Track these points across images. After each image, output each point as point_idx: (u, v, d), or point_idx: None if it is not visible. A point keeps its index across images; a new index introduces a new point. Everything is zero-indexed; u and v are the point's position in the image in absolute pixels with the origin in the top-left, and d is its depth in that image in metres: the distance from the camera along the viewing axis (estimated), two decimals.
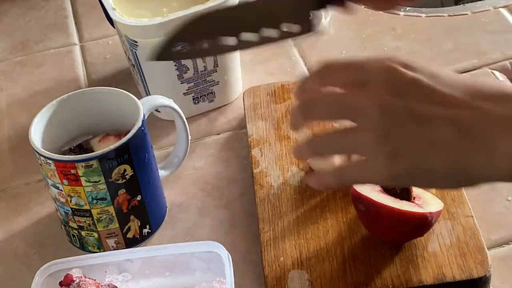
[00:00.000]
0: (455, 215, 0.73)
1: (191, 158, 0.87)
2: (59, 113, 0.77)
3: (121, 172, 0.73)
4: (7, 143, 0.94)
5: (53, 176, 0.73)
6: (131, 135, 0.73)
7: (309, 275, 0.70)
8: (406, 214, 0.67)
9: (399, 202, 0.69)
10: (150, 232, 0.79)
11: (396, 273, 0.69)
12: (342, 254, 0.71)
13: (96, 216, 0.75)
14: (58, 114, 0.77)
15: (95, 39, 1.09)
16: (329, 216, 0.75)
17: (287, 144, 0.84)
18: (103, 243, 0.77)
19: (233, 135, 0.91)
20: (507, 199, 0.78)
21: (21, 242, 0.81)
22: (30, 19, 1.16)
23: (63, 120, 0.77)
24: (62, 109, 0.78)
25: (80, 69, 1.04)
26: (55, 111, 0.77)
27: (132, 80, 0.99)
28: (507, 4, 1.05)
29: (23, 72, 1.06)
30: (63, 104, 0.78)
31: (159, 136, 0.91)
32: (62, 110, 0.77)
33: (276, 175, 0.80)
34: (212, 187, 0.84)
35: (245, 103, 0.90)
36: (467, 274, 0.68)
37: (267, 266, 0.72)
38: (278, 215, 0.76)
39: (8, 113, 0.99)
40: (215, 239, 0.72)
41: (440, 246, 0.71)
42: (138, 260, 0.69)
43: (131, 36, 0.86)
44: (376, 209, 0.68)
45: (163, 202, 0.81)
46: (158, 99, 0.79)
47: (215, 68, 0.91)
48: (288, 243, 0.73)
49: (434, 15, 1.05)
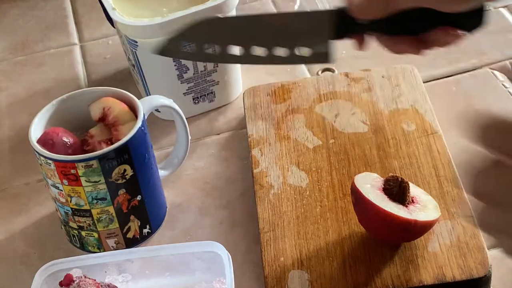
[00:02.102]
0: (455, 215, 0.73)
1: (191, 158, 0.87)
2: (59, 113, 0.77)
3: (121, 172, 0.73)
4: (7, 143, 0.94)
5: (53, 176, 0.73)
6: (131, 135, 0.73)
7: (309, 275, 0.70)
8: (389, 216, 0.67)
9: (390, 203, 0.68)
10: (150, 232, 0.79)
11: (396, 273, 0.69)
12: (342, 254, 0.71)
13: (96, 216, 0.75)
14: (58, 114, 0.77)
15: (95, 39, 1.09)
16: (329, 216, 0.75)
17: (287, 144, 0.84)
18: (103, 243, 0.77)
19: (233, 135, 0.91)
20: None
21: (21, 242, 0.81)
22: (30, 19, 1.16)
23: (63, 120, 0.77)
24: (62, 109, 0.78)
25: (80, 69, 1.04)
26: (55, 111, 0.77)
27: (132, 80, 0.99)
28: (507, 4, 1.05)
29: (23, 72, 1.06)
30: (63, 104, 0.78)
31: (159, 136, 0.91)
32: (62, 110, 0.77)
33: (276, 175, 0.80)
34: (212, 187, 0.84)
35: (245, 103, 0.90)
36: (467, 274, 0.68)
37: (267, 266, 0.72)
38: (278, 215, 0.76)
39: (8, 113, 0.99)
40: (215, 239, 0.72)
41: (440, 246, 0.71)
42: (138, 260, 0.69)
43: (131, 36, 0.86)
44: (364, 204, 0.69)
45: (163, 202, 0.81)
46: (158, 99, 0.79)
47: (215, 68, 0.91)
48: (288, 243, 0.73)
49: None
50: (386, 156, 0.80)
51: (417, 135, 0.82)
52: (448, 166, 0.78)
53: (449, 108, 0.89)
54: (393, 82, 0.90)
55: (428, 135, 0.82)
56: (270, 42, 0.65)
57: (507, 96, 0.90)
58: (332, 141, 0.83)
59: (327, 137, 0.84)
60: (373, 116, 0.86)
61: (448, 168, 0.78)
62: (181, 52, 0.67)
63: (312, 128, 0.85)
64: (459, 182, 0.76)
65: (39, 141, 0.73)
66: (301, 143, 0.84)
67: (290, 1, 1.11)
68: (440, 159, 0.79)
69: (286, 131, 0.86)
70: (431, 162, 0.79)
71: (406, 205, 0.69)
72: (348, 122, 0.85)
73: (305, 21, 0.65)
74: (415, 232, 0.69)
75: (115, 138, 0.74)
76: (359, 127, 0.85)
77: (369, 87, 0.89)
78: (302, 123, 0.86)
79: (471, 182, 0.79)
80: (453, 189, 0.76)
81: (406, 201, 0.69)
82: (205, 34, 0.66)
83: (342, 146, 0.83)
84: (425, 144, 0.81)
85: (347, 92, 0.89)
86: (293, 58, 0.66)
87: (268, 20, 0.66)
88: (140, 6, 0.90)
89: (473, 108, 0.89)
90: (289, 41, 0.65)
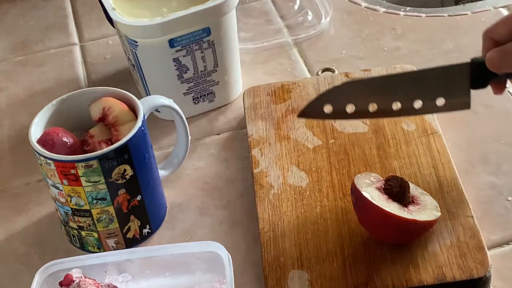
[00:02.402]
0: (455, 215, 0.73)
1: (191, 158, 0.87)
2: (59, 113, 0.77)
3: (121, 172, 0.73)
4: (7, 143, 0.94)
5: (53, 176, 0.73)
6: (131, 135, 0.73)
7: (309, 275, 0.70)
8: (389, 216, 0.67)
9: (390, 203, 0.68)
10: (150, 232, 0.79)
11: (396, 273, 0.69)
12: (342, 254, 0.71)
13: (96, 216, 0.75)
14: (58, 114, 0.77)
15: (95, 39, 1.09)
16: (329, 216, 0.75)
17: (287, 144, 0.84)
18: (103, 243, 0.77)
19: (233, 135, 0.91)
20: (507, 199, 0.78)
21: (21, 242, 0.81)
22: (30, 19, 1.16)
23: (63, 120, 0.77)
24: (62, 109, 0.77)
25: (80, 69, 1.04)
26: (55, 111, 0.77)
27: (132, 80, 0.99)
28: (507, 4, 1.05)
29: (23, 72, 1.06)
30: (63, 104, 0.78)
31: (159, 136, 0.91)
32: (62, 110, 0.77)
33: (276, 175, 0.80)
34: (212, 187, 0.84)
35: (245, 103, 0.90)
36: (467, 274, 0.68)
37: (267, 266, 0.72)
38: (278, 215, 0.76)
39: (8, 113, 0.99)
40: (215, 239, 0.72)
41: (440, 246, 0.71)
42: (138, 260, 0.69)
43: (131, 36, 0.86)
44: (364, 204, 0.69)
45: (163, 202, 0.81)
46: (158, 99, 0.79)
47: (215, 68, 0.91)
48: (288, 243, 0.73)
49: (434, 15, 1.05)
50: (386, 156, 0.81)
51: (417, 135, 0.82)
52: (448, 166, 0.78)
53: None
54: None
55: (428, 135, 0.82)
56: (411, 96, 0.70)
57: (507, 96, 0.90)
58: (332, 141, 0.83)
59: (327, 137, 0.84)
60: None
61: (448, 168, 0.78)
62: (322, 113, 0.71)
63: (312, 128, 0.85)
64: (459, 182, 0.77)
65: (39, 141, 0.73)
66: (301, 143, 0.84)
67: (290, 1, 1.11)
68: (440, 159, 0.79)
69: (286, 131, 0.86)
70: (431, 162, 0.79)
71: (406, 205, 0.69)
72: (348, 122, 0.85)
73: (443, 74, 0.70)
74: (415, 232, 0.69)
75: (115, 138, 0.74)
76: (359, 127, 0.85)
77: None
78: (302, 123, 0.86)
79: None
80: (453, 189, 0.76)
81: (406, 201, 0.69)
82: (343, 95, 0.70)
83: (342, 146, 0.83)
84: (425, 144, 0.81)
85: None
86: (431, 109, 0.71)
87: (406, 77, 0.71)
88: (140, 6, 0.90)
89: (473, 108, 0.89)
90: (428, 94, 0.70)
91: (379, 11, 1.07)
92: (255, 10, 1.10)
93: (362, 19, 1.06)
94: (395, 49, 1.00)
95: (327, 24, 1.06)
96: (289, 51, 1.02)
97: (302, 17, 1.07)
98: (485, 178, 0.80)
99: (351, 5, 1.09)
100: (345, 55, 1.00)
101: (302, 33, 1.04)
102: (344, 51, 1.01)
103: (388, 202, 0.68)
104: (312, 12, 1.08)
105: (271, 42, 1.04)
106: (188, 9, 0.85)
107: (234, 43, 0.91)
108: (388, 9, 1.08)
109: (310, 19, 1.07)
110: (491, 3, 1.05)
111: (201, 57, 0.89)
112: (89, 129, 0.76)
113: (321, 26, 1.05)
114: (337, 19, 1.06)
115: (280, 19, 1.08)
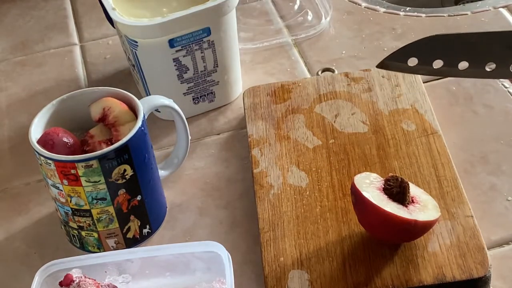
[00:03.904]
0: (455, 215, 0.73)
1: (191, 158, 0.87)
2: (59, 113, 0.77)
3: (121, 172, 0.73)
4: (7, 143, 0.94)
5: (53, 176, 0.73)
6: (131, 135, 0.73)
7: (309, 275, 0.70)
8: (389, 216, 0.67)
9: (390, 203, 0.68)
10: (150, 232, 0.79)
11: (396, 273, 0.69)
12: (342, 254, 0.71)
13: (96, 216, 0.75)
14: (58, 114, 0.77)
15: (95, 39, 1.09)
16: (329, 216, 0.75)
17: (287, 144, 0.84)
18: (103, 243, 0.77)
19: (233, 135, 0.91)
20: (507, 199, 0.78)
21: (21, 242, 0.81)
22: (30, 19, 1.16)
23: (63, 120, 0.77)
24: (62, 109, 0.78)
25: (80, 69, 1.04)
26: (55, 111, 0.77)
27: (132, 80, 0.99)
28: (507, 4, 1.05)
29: (23, 72, 1.06)
30: (63, 104, 0.78)
31: (159, 136, 0.91)
32: (62, 110, 0.77)
33: (276, 175, 0.80)
34: (212, 187, 0.84)
35: (245, 103, 0.90)
36: (467, 274, 0.68)
37: (267, 266, 0.72)
38: (278, 215, 0.76)
39: (8, 113, 0.99)
40: (215, 239, 0.72)
41: (440, 246, 0.71)
42: (138, 260, 0.69)
43: (131, 36, 0.86)
44: (364, 204, 0.69)
45: (163, 202, 0.81)
46: (158, 99, 0.79)
47: (215, 68, 0.91)
48: (288, 243, 0.73)
49: (434, 15, 1.05)
50: (386, 156, 0.81)
51: (417, 135, 0.82)
52: (448, 166, 0.78)
53: (449, 108, 0.89)
54: (393, 82, 0.90)
55: (428, 135, 0.82)
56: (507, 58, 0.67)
57: (507, 96, 0.90)
58: (332, 141, 0.83)
59: (327, 137, 0.84)
60: (373, 116, 0.86)
61: (448, 168, 0.78)
62: (404, 66, 0.69)
63: (312, 128, 0.85)
64: (459, 182, 0.77)
65: (39, 141, 0.73)
66: (301, 143, 0.84)
67: (290, 1, 1.11)
68: (440, 159, 0.79)
69: (286, 131, 0.86)
70: (431, 162, 0.79)
71: (406, 205, 0.69)
72: (348, 122, 0.85)
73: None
74: (415, 232, 0.69)
75: (115, 138, 0.74)
76: (359, 127, 0.85)
77: (369, 87, 0.90)
78: (302, 123, 0.86)
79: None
80: (453, 189, 0.76)
81: (406, 201, 0.69)
82: (433, 49, 0.68)
83: (342, 146, 0.83)
84: (425, 144, 0.81)
85: (347, 92, 0.89)
86: (503, 73, 0.68)
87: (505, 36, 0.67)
88: (140, 6, 0.90)
89: (473, 108, 0.89)
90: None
91: (379, 11, 1.07)
92: (255, 10, 1.10)
93: (362, 19, 1.06)
94: (395, 49, 1.00)
95: (327, 24, 1.06)
96: (289, 51, 1.02)
97: (302, 17, 1.07)
98: (485, 178, 0.80)
99: (351, 5, 1.09)
100: (345, 55, 1.00)
101: (302, 33, 1.04)
102: (344, 51, 1.01)
103: (388, 202, 0.68)
104: (312, 12, 1.08)
105: (271, 42, 1.04)
106: (188, 9, 0.85)
107: (234, 43, 0.91)
108: (388, 9, 1.08)
109: (310, 19, 1.07)
110: (491, 3, 1.05)
111: (201, 57, 0.89)
112: (89, 129, 0.76)
113: (321, 26, 1.05)
114: (337, 19, 1.06)
115: (280, 19, 1.08)
